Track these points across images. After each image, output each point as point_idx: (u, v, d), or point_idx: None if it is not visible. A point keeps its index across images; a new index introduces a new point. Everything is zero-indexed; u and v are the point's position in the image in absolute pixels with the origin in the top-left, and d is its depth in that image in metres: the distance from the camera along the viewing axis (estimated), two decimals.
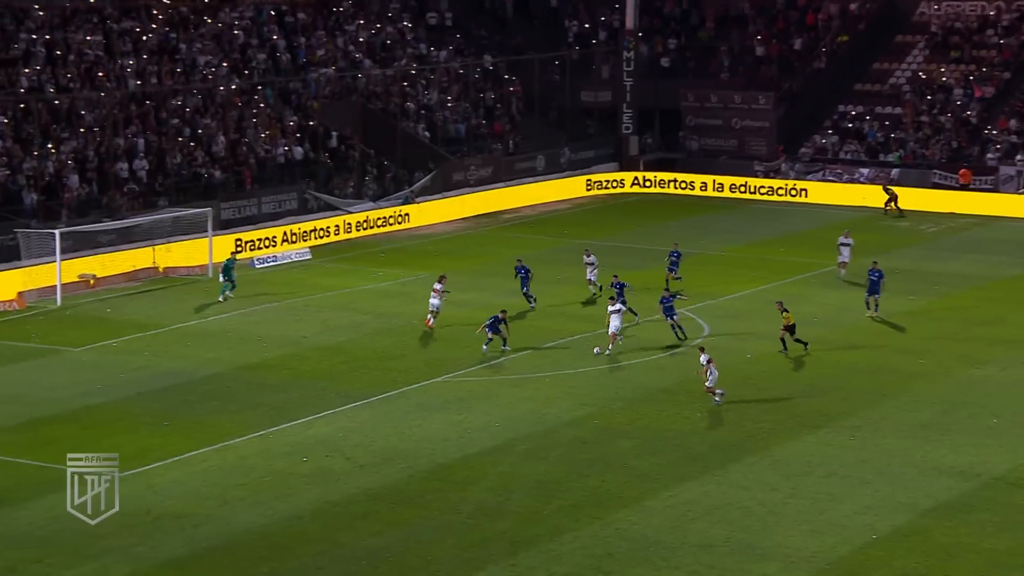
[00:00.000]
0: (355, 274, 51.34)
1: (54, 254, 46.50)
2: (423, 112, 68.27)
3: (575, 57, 75.21)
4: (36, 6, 59.82)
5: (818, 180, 68.89)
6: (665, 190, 70.29)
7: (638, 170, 71.97)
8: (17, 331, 42.89)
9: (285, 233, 55.99)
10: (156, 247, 50.88)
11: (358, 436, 33.48)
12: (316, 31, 68.85)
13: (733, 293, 48.36)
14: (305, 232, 56.74)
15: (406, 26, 73.36)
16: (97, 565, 26.28)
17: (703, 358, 36.03)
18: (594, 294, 46.63)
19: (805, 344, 40.54)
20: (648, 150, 74.23)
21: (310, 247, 55.22)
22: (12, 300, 45.62)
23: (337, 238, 57.71)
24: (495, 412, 35.38)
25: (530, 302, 45.40)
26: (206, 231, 51.28)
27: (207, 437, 33.18)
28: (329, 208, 59.95)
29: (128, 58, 59.90)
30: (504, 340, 40.27)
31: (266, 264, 52.63)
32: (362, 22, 71.49)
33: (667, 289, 42.92)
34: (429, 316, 42.79)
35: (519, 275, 45.65)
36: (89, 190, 53.31)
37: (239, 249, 52.94)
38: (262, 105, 62.30)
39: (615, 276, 44.24)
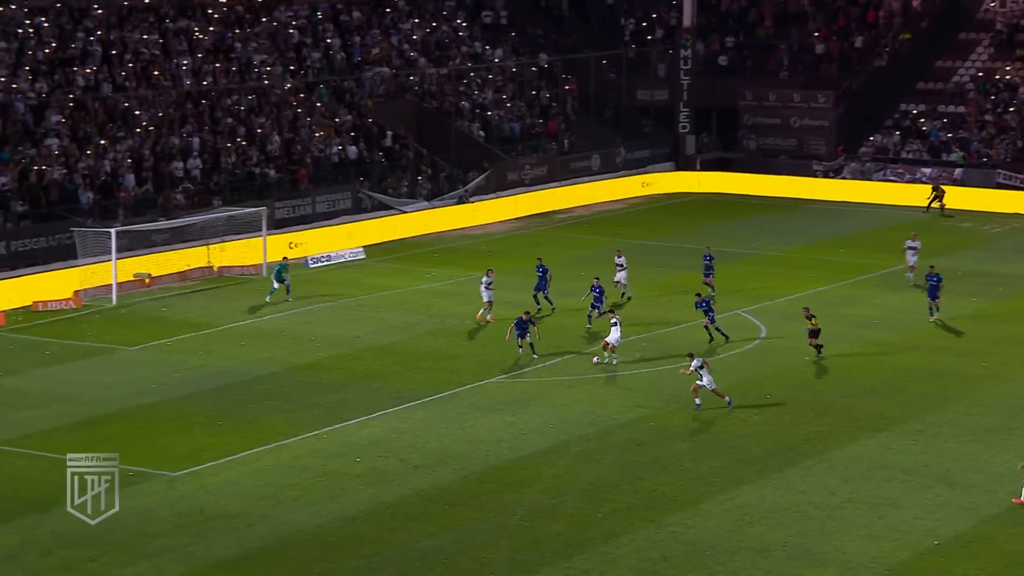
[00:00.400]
0: (408, 274, 51.18)
1: (110, 253, 46.61)
2: (478, 111, 68.06)
3: (631, 55, 74.69)
4: (95, 5, 60.08)
5: (879, 180, 68.07)
6: (722, 190, 69.65)
7: (695, 170, 71.40)
8: (73, 330, 43.03)
9: (338, 232, 55.86)
10: (210, 246, 50.96)
11: (411, 437, 33.31)
12: (371, 30, 68.80)
13: (791, 294, 47.73)
14: (359, 231, 56.58)
15: (461, 25, 73.18)
16: (151, 564, 26.29)
17: (695, 363, 34.83)
18: (624, 295, 45.98)
19: (819, 349, 39.59)
20: (705, 149, 73.64)
21: (364, 246, 55.09)
22: (68, 299, 45.77)
23: (391, 237, 57.56)
24: (549, 413, 35.11)
25: (547, 303, 44.14)
26: (260, 230, 51.28)
27: (261, 437, 33.12)
28: (383, 207, 59.84)
29: (184, 57, 60.08)
30: (532, 346, 39.39)
31: (320, 263, 52.56)
32: (417, 21, 71.40)
33: (698, 294, 41.96)
34: (482, 311, 42.86)
35: (538, 274, 44.59)
36: (144, 189, 53.45)
37: (293, 246, 53.05)
38: (317, 104, 62.29)
39: (596, 279, 42.94)
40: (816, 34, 74.93)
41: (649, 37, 77.20)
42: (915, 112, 70.84)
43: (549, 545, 27.22)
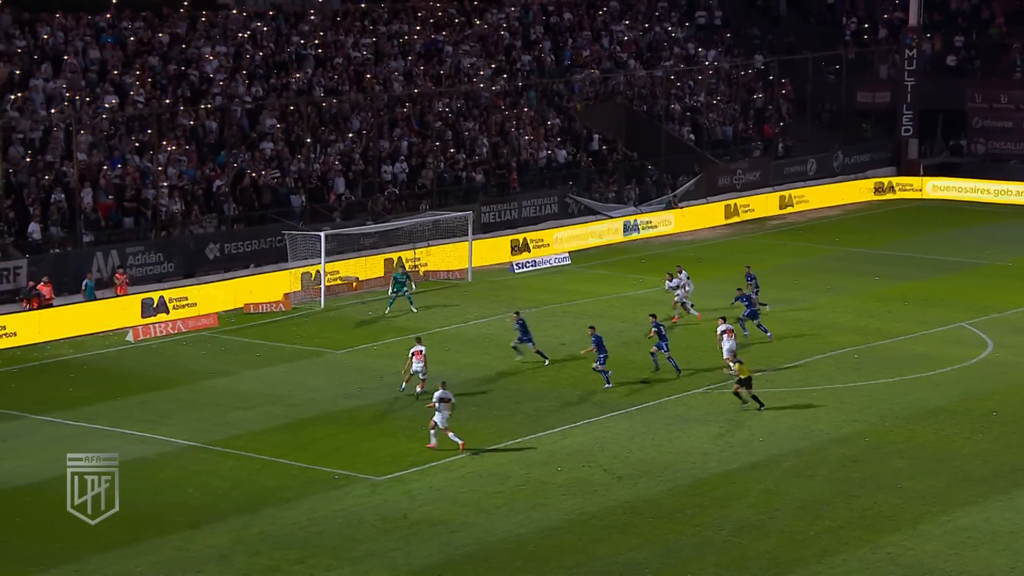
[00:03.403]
0: (614, 280, 50.50)
1: (319, 256, 47.03)
2: (688, 114, 66.97)
3: (852, 56, 72.57)
4: (311, 11, 60.96)
5: None
6: (947, 196, 67.11)
7: (918, 175, 69.03)
8: (283, 332, 43.53)
9: (545, 237, 55.44)
10: (417, 250, 51.06)
11: (615, 447, 32.75)
12: (582, 31, 68.32)
13: (1021, 307, 45.72)
14: (565, 236, 56.06)
15: (674, 26, 72.15)
16: (357, 568, 26.31)
17: (721, 327, 37.18)
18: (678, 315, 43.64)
19: (760, 404, 35.26)
20: (929, 154, 71.10)
21: (569, 252, 54.55)
22: (279, 301, 46.33)
23: (597, 243, 56.91)
24: (758, 427, 34.17)
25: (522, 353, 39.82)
26: (466, 235, 51.20)
27: (464, 443, 32.75)
28: (590, 212, 59.25)
29: (395, 60, 60.49)
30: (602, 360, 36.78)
31: (525, 269, 52.23)
32: (628, 22, 70.66)
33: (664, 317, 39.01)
34: (692, 311, 42.96)
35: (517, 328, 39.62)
36: (354, 192, 53.91)
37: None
38: (525, 109, 62.03)
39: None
40: None
41: (865, 37, 74.91)
42: None
43: (758, 563, 26.51)
